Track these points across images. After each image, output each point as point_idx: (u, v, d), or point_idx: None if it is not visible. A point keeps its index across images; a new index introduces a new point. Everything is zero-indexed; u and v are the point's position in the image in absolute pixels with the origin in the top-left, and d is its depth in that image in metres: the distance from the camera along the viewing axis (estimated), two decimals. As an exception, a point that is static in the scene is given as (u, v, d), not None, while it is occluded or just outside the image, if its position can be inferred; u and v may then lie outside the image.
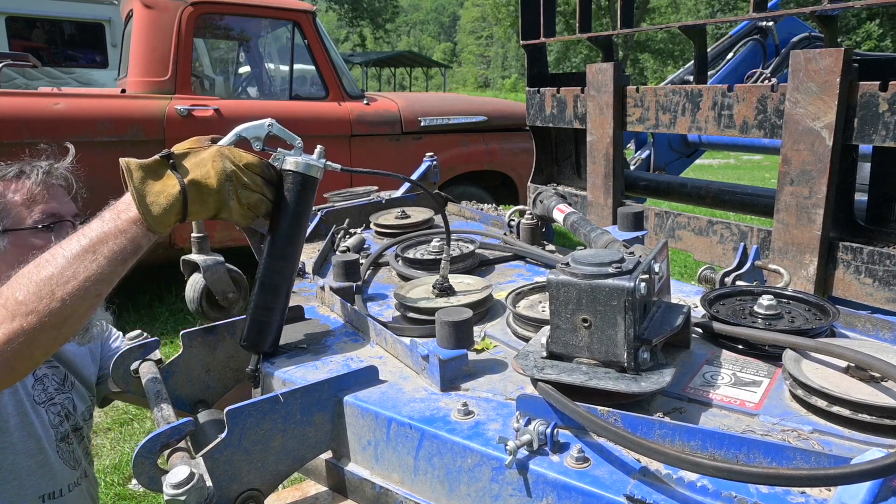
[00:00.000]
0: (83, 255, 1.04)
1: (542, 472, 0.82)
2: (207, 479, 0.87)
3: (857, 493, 0.68)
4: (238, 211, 1.12)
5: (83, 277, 1.03)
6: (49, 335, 1.04)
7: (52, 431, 1.48)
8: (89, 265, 1.04)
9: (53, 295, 1.02)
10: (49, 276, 1.02)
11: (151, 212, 1.04)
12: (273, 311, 1.20)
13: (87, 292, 1.04)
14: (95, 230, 1.06)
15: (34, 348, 1.05)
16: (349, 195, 2.34)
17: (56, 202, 1.45)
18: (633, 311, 0.91)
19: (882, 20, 31.68)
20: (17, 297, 1.02)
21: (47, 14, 9.74)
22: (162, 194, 1.05)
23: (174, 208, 1.06)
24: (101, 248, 1.04)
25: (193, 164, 1.09)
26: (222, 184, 1.09)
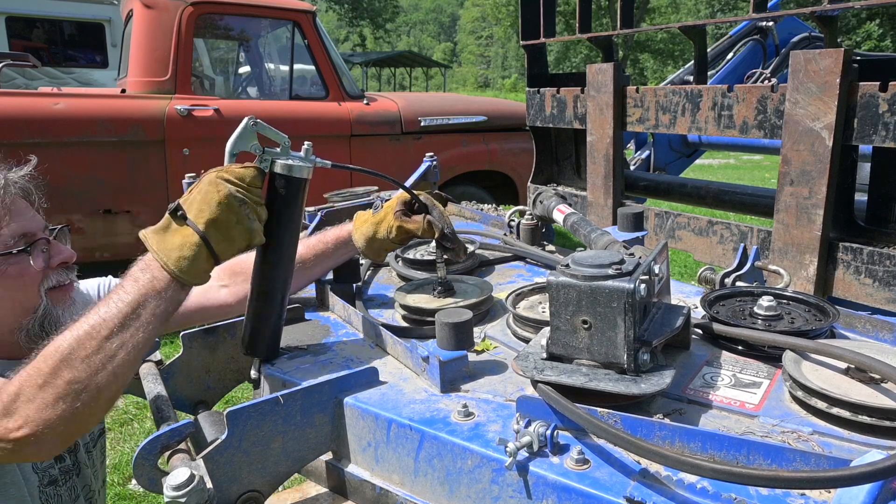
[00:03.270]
0: (125, 324, 1.02)
1: (542, 474, 0.83)
2: (208, 480, 0.87)
3: (857, 495, 0.68)
4: (261, 229, 1.10)
5: (131, 346, 1.03)
6: (100, 407, 1.05)
7: (37, 476, 1.32)
8: (135, 333, 1.03)
9: (104, 369, 1.01)
10: (95, 350, 1.01)
11: (181, 268, 1.03)
12: (268, 317, 1.18)
13: (134, 359, 1.05)
14: (132, 295, 1.04)
15: (89, 422, 1.06)
16: (349, 195, 2.34)
17: (22, 219, 1.28)
18: (632, 312, 0.91)
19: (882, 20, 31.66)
20: (66, 376, 1.00)
21: (47, 14, 9.73)
22: (184, 247, 1.03)
23: (201, 256, 1.04)
24: (144, 313, 1.03)
25: (196, 203, 1.05)
26: (236, 209, 1.05)
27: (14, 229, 1.25)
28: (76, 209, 4.46)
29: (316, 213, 2.09)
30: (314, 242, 1.49)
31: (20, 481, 1.28)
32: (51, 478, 1.34)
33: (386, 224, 1.39)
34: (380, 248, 1.43)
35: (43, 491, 1.32)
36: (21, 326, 1.27)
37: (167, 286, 1.05)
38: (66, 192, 4.38)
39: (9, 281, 1.24)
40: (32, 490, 1.30)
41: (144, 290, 1.04)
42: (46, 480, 1.33)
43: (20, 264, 1.25)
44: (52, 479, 1.34)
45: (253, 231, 1.08)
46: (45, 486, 1.33)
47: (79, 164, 4.45)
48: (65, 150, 4.37)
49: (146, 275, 1.05)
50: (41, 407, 0.99)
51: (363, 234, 1.43)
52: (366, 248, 1.43)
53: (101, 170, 4.55)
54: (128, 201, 4.65)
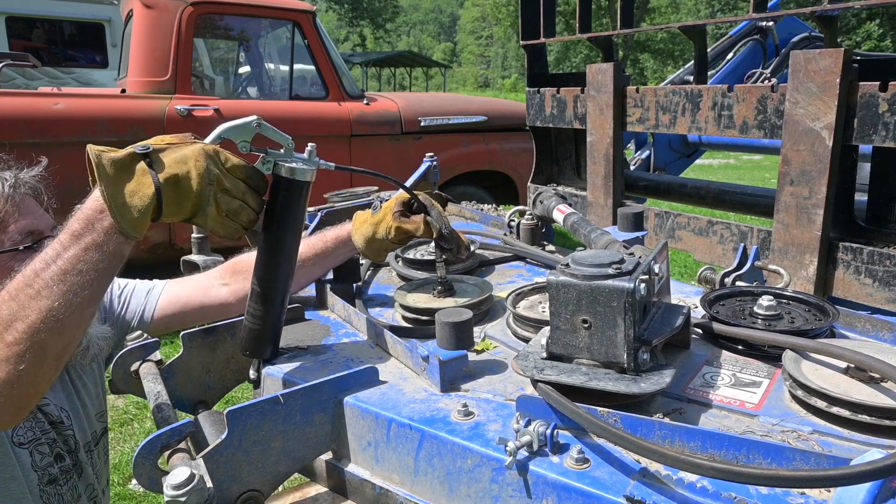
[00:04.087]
0: (64, 277, 0.97)
1: (542, 473, 0.83)
2: (208, 480, 0.87)
3: (857, 494, 0.69)
4: (215, 218, 1.03)
5: (75, 304, 0.97)
6: (48, 367, 1.00)
7: (37, 475, 1.31)
8: (75, 288, 0.97)
9: (46, 328, 0.96)
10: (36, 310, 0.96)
11: (126, 217, 0.95)
12: (268, 319, 1.17)
13: (80, 317, 1.00)
14: (71, 249, 0.97)
15: (38, 383, 1.02)
16: (349, 195, 2.34)
17: (31, 216, 1.29)
18: (632, 311, 0.91)
19: (882, 20, 31.66)
20: (6, 338, 0.96)
21: (47, 14, 9.73)
22: (136, 195, 0.95)
23: (149, 210, 0.96)
24: (82, 266, 0.97)
25: (173, 160, 0.98)
26: (203, 186, 0.99)
27: (22, 226, 1.27)
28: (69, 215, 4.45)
29: (316, 214, 2.09)
30: (314, 242, 1.49)
31: (20, 477, 1.28)
32: (50, 476, 1.34)
33: (385, 224, 1.39)
34: (379, 249, 1.43)
35: (43, 490, 1.32)
36: None
37: (108, 238, 0.97)
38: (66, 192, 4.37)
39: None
40: (32, 488, 1.30)
41: (86, 245, 0.97)
42: (46, 479, 1.33)
43: (27, 261, 1.25)
44: (51, 477, 1.34)
45: (203, 209, 1.01)
46: (45, 485, 1.33)
47: (79, 164, 4.43)
48: (65, 150, 4.36)
49: (89, 227, 0.98)
50: None
51: (362, 235, 1.43)
52: (365, 248, 1.43)
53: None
54: (128, 201, 4.64)
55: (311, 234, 1.71)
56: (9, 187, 1.26)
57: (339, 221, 1.57)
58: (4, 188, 1.26)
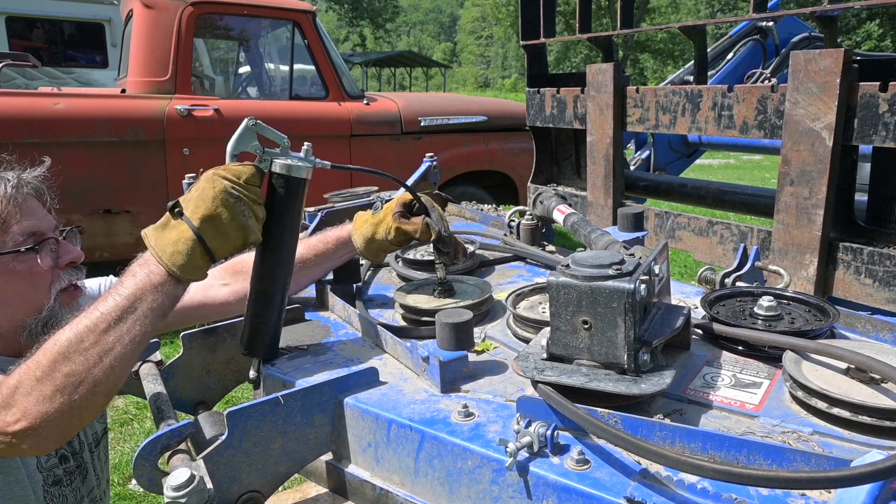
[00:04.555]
0: (124, 317, 1.04)
1: (543, 474, 0.83)
2: (208, 481, 0.87)
3: (858, 495, 0.68)
4: (258, 228, 1.10)
5: (127, 341, 1.04)
6: (98, 401, 1.06)
7: (41, 476, 1.33)
8: (132, 327, 1.04)
9: (101, 363, 1.02)
10: (93, 344, 1.03)
11: (176, 263, 1.05)
12: (267, 317, 1.18)
13: (131, 353, 1.06)
14: (129, 290, 1.06)
15: (86, 415, 1.07)
16: (349, 195, 2.34)
17: (33, 217, 1.30)
18: (633, 312, 0.91)
19: (882, 20, 31.64)
20: (64, 369, 1.01)
21: (47, 14, 9.72)
22: (179, 242, 1.05)
23: (196, 252, 1.05)
24: (141, 307, 1.05)
25: (193, 200, 1.07)
26: (231, 205, 1.06)
27: (24, 227, 1.27)
28: (76, 209, 4.46)
29: (316, 214, 2.09)
30: (315, 242, 1.49)
31: (25, 480, 1.28)
32: (55, 478, 1.34)
33: (385, 225, 1.39)
34: (378, 250, 1.43)
35: (47, 491, 1.32)
36: (25, 325, 1.28)
37: (163, 281, 1.06)
38: (66, 192, 4.37)
39: (17, 278, 1.26)
40: (37, 489, 1.31)
41: (141, 286, 1.06)
42: (51, 480, 1.34)
43: (28, 262, 1.27)
44: (56, 479, 1.35)
45: (248, 228, 1.08)
46: (50, 486, 1.33)
47: (79, 164, 4.44)
48: (65, 150, 4.37)
49: (143, 270, 1.07)
50: (39, 400, 1.01)
51: (362, 235, 1.43)
52: (364, 248, 1.43)
53: (101, 170, 4.54)
54: (128, 201, 4.65)
55: (311, 235, 1.71)
56: (11, 188, 1.27)
57: (339, 221, 1.57)
58: (7, 189, 1.26)
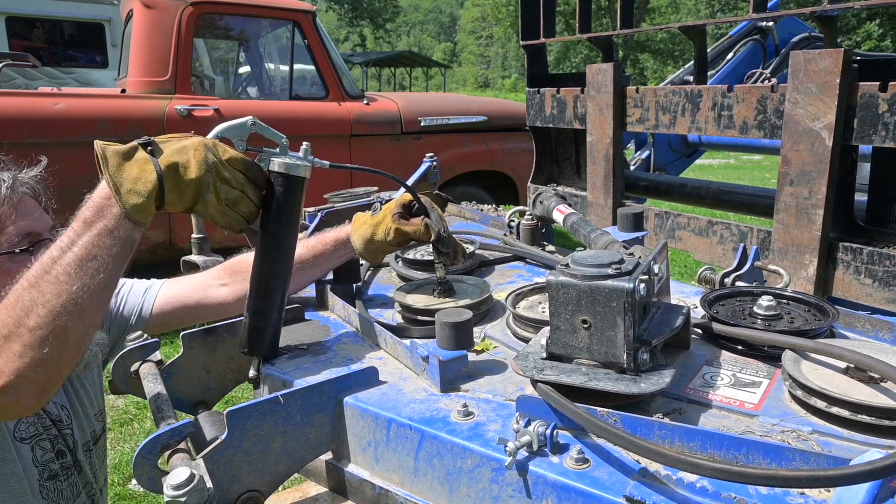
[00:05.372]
0: (80, 263, 1.01)
1: (542, 474, 0.83)
2: (208, 480, 0.87)
3: (857, 494, 0.69)
4: (215, 206, 1.08)
5: (93, 288, 1.02)
6: (70, 351, 1.04)
7: (37, 470, 1.32)
8: (91, 272, 1.01)
9: (66, 312, 1.00)
10: (56, 294, 1.00)
11: (130, 202, 1.01)
12: (267, 315, 1.18)
13: (98, 300, 1.04)
14: (85, 236, 1.02)
15: (62, 367, 1.05)
16: (349, 195, 2.34)
17: (29, 218, 1.29)
18: (632, 312, 0.91)
19: (882, 20, 31.65)
20: (29, 323, 1.00)
21: (47, 14, 9.73)
22: (139, 181, 1.01)
23: (152, 195, 1.02)
24: (96, 251, 1.02)
25: (174, 149, 1.04)
26: (202, 173, 1.04)
27: (19, 228, 1.27)
28: (76, 208, 4.45)
29: (316, 214, 2.09)
30: (314, 243, 1.49)
31: (20, 472, 1.28)
32: (51, 472, 1.35)
33: (384, 226, 1.39)
34: (377, 251, 1.43)
35: (43, 485, 1.33)
36: None
37: (118, 224, 1.02)
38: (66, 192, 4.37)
39: (12, 278, 1.25)
40: (32, 483, 1.31)
41: (98, 231, 1.02)
42: (47, 474, 1.34)
43: (23, 263, 1.26)
44: (52, 473, 1.35)
45: (203, 196, 1.06)
46: (46, 481, 1.33)
47: (79, 164, 4.43)
48: (65, 150, 4.36)
49: (98, 214, 1.03)
50: (10, 358, 1.00)
51: (361, 236, 1.43)
52: (363, 249, 1.43)
53: (101, 170, 4.54)
54: (128, 201, 4.65)
55: (311, 235, 1.71)
56: (6, 189, 1.27)
57: (338, 222, 1.57)
58: (2, 189, 1.26)
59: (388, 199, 2.26)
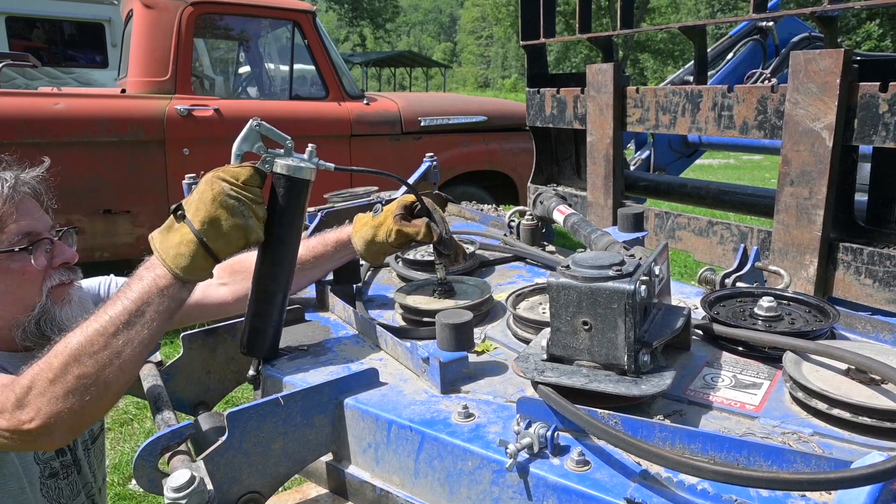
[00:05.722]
0: (132, 321, 1.08)
1: (543, 475, 0.83)
2: (208, 482, 0.87)
3: (858, 496, 0.68)
4: (261, 227, 1.13)
5: (136, 343, 1.08)
6: (107, 401, 1.10)
7: (38, 468, 1.34)
8: (140, 331, 1.08)
9: (111, 365, 1.06)
10: (103, 347, 1.06)
11: (179, 265, 1.08)
12: (268, 316, 1.18)
13: (139, 355, 1.10)
14: (136, 293, 1.09)
15: (97, 413, 1.11)
16: (349, 195, 2.34)
17: (29, 218, 1.31)
18: (633, 313, 0.91)
19: (882, 20, 31.64)
20: (76, 371, 1.05)
21: (47, 14, 9.72)
22: (181, 245, 1.08)
23: (198, 253, 1.08)
24: (148, 310, 1.08)
25: (194, 203, 1.09)
26: (230, 206, 1.08)
27: (20, 227, 1.29)
28: (76, 209, 4.46)
29: (316, 214, 2.08)
30: (314, 244, 1.49)
31: (19, 473, 1.29)
32: (52, 470, 1.36)
33: (385, 227, 1.39)
34: (378, 252, 1.43)
35: (44, 483, 1.34)
36: (18, 323, 1.29)
37: (168, 284, 1.09)
38: (66, 192, 4.37)
39: (11, 277, 1.28)
40: (33, 481, 1.32)
41: (148, 289, 1.09)
42: (48, 472, 1.35)
43: (22, 262, 1.29)
44: (53, 471, 1.36)
45: (249, 228, 1.10)
46: (47, 478, 1.35)
47: (79, 164, 4.44)
48: (65, 150, 4.36)
49: (149, 273, 1.10)
50: (52, 400, 1.04)
51: (362, 237, 1.43)
52: (364, 251, 1.43)
53: (101, 170, 4.54)
54: (128, 201, 4.65)
55: (311, 235, 1.71)
56: (8, 188, 1.28)
57: (339, 222, 1.57)
58: (4, 189, 1.27)
59: (388, 200, 2.26)
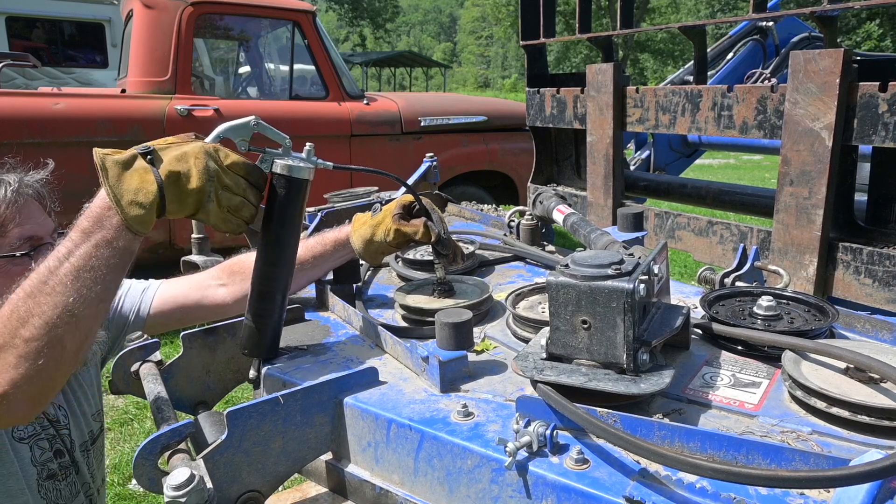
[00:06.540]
0: (77, 274, 1.00)
1: (542, 474, 0.83)
2: (208, 480, 0.87)
3: (856, 494, 0.69)
4: (217, 214, 1.07)
5: (89, 299, 1.01)
6: (65, 362, 1.03)
7: (36, 470, 1.32)
8: (88, 283, 1.00)
9: (62, 324, 0.99)
10: (51, 306, 0.99)
11: (131, 213, 0.99)
12: (268, 317, 1.18)
13: (94, 312, 1.03)
14: (82, 246, 1.01)
15: (56, 377, 1.05)
16: (349, 195, 2.34)
17: (31, 222, 1.28)
18: (632, 312, 0.91)
19: (882, 20, 31.65)
20: (24, 335, 0.99)
21: (47, 14, 9.73)
22: (140, 192, 1.00)
23: (153, 206, 1.00)
24: (94, 262, 1.00)
25: (174, 157, 1.03)
26: (203, 182, 1.03)
27: (22, 232, 1.27)
28: (76, 209, 4.44)
29: (316, 214, 2.09)
30: (313, 244, 1.49)
31: (18, 473, 1.28)
32: (49, 471, 1.35)
33: (384, 227, 1.39)
34: (376, 251, 1.43)
35: (41, 485, 1.33)
36: None
37: (117, 234, 1.01)
38: (67, 192, 4.38)
39: (12, 281, 1.25)
40: (31, 483, 1.31)
41: (96, 242, 1.01)
42: (45, 474, 1.34)
43: (24, 267, 1.25)
44: (50, 472, 1.35)
45: (206, 207, 1.05)
46: (44, 480, 1.34)
47: (79, 164, 4.44)
48: (65, 150, 4.37)
49: (98, 225, 1.02)
50: (4, 368, 0.99)
51: (361, 237, 1.43)
52: (363, 250, 1.43)
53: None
54: (128, 201, 4.65)
55: (310, 235, 1.71)
56: (11, 192, 1.26)
57: (338, 222, 1.57)
58: (7, 192, 1.25)
59: (388, 200, 2.26)
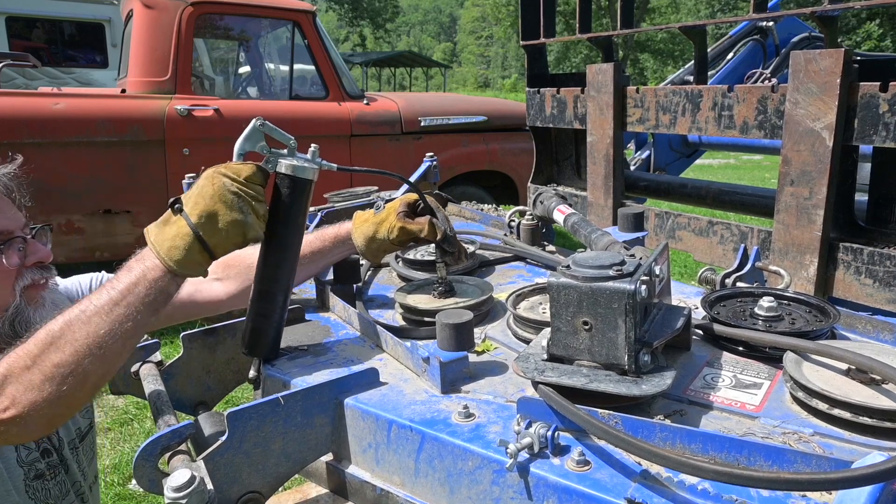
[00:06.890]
0: (115, 310, 1.05)
1: (543, 475, 0.82)
2: (208, 481, 0.87)
3: (859, 497, 0.68)
4: (260, 226, 1.11)
5: (119, 334, 1.05)
6: (86, 392, 1.07)
7: (22, 470, 1.32)
8: (124, 322, 1.05)
9: (91, 354, 1.03)
10: (84, 335, 1.03)
11: (172, 258, 1.05)
12: (270, 317, 1.18)
13: (122, 347, 1.07)
14: (123, 279, 1.07)
15: (74, 405, 1.08)
16: (349, 195, 2.34)
17: (1, 216, 1.28)
18: (633, 313, 0.91)
19: (882, 20, 31.65)
20: (53, 359, 1.02)
21: (47, 14, 9.72)
22: (177, 238, 1.06)
23: (193, 248, 1.06)
24: (134, 300, 1.06)
25: (192, 197, 1.07)
26: (229, 202, 1.06)
27: None
28: (76, 209, 4.46)
29: (316, 214, 2.09)
30: (311, 240, 1.48)
31: (3, 474, 1.28)
32: (37, 472, 1.35)
33: (387, 224, 1.39)
34: (378, 249, 1.42)
35: (29, 485, 1.33)
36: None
37: (159, 276, 1.06)
38: (67, 192, 4.40)
39: None
40: (17, 484, 1.31)
41: (136, 280, 1.06)
42: (32, 474, 1.34)
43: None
44: (38, 472, 1.35)
45: (248, 225, 1.08)
46: (32, 480, 1.33)
47: (79, 164, 4.45)
48: (65, 150, 4.37)
49: (139, 265, 1.08)
50: (28, 388, 1.01)
51: (363, 234, 1.42)
52: (365, 248, 1.42)
53: (101, 170, 4.55)
54: (128, 201, 4.65)
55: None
56: None
57: (338, 222, 1.57)
58: None
59: (388, 199, 2.26)
